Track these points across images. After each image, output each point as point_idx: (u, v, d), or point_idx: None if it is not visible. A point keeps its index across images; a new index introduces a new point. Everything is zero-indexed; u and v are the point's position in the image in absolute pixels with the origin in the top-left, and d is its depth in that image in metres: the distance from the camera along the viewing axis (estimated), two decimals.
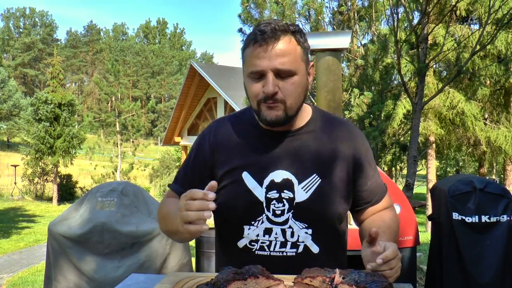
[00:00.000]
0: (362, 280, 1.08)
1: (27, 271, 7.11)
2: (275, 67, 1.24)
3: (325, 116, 1.48)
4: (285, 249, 1.35)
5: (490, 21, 6.06)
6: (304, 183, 1.34)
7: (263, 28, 1.25)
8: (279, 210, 1.33)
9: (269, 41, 1.24)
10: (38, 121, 18.20)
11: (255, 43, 1.25)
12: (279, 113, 1.29)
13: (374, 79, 7.23)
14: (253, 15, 7.34)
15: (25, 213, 15.16)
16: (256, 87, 1.28)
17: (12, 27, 73.58)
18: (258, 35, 1.25)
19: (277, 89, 1.26)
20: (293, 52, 1.27)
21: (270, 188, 1.34)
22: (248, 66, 1.29)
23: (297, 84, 1.29)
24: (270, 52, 1.24)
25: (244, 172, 1.35)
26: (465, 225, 2.94)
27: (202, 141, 1.46)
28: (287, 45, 1.26)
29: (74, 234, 3.43)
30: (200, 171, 1.43)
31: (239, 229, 1.36)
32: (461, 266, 2.94)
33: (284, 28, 1.26)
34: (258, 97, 1.28)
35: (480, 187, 2.97)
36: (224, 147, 1.41)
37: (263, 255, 1.35)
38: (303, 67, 1.31)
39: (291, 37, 1.27)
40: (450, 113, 12.36)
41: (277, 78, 1.26)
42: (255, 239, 1.35)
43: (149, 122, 60.74)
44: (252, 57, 1.26)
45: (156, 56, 74.81)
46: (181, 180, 1.47)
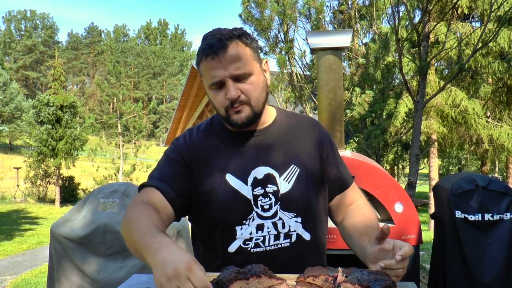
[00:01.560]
0: (365, 278, 1.07)
1: (30, 273, 7.12)
2: (231, 74, 1.31)
3: (288, 114, 1.58)
4: (279, 241, 1.39)
5: (492, 18, 6.05)
6: (284, 175, 1.41)
7: (209, 41, 1.31)
8: (267, 204, 1.38)
9: (219, 52, 1.30)
10: (40, 124, 18.22)
11: (207, 57, 1.32)
12: (247, 113, 1.36)
13: (376, 78, 7.21)
14: (253, 15, 7.33)
15: (27, 215, 15.18)
16: (220, 96, 1.35)
17: (14, 29, 73.80)
18: (206, 49, 1.31)
19: (239, 92, 1.33)
20: (244, 55, 1.33)
21: (255, 185, 1.39)
22: (207, 79, 1.35)
23: (256, 83, 1.36)
24: (222, 61, 1.30)
25: (227, 174, 1.39)
26: (468, 223, 2.93)
27: (178, 144, 1.46)
28: (236, 50, 1.32)
29: (77, 236, 3.43)
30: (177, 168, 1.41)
31: (232, 231, 1.38)
32: (464, 265, 2.93)
33: (229, 35, 1.32)
34: (225, 105, 1.35)
35: (483, 185, 2.96)
36: (201, 151, 1.44)
37: (259, 251, 1.37)
38: (257, 66, 1.38)
39: (237, 42, 1.33)
40: (452, 111, 12.34)
41: (236, 82, 1.33)
42: (249, 237, 1.37)
43: (150, 123, 60.82)
44: (208, 70, 1.33)
45: (157, 57, 74.93)
46: (159, 176, 1.40)
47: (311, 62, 7.91)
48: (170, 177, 1.39)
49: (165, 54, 76.19)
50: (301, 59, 7.90)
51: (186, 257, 0.99)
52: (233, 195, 1.37)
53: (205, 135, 1.48)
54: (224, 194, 1.38)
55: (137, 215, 1.24)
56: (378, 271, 1.13)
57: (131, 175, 20.05)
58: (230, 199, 1.37)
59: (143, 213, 1.24)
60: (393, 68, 7.26)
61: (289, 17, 7.25)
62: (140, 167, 20.89)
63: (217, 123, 1.50)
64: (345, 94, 6.99)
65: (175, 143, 1.48)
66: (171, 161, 1.43)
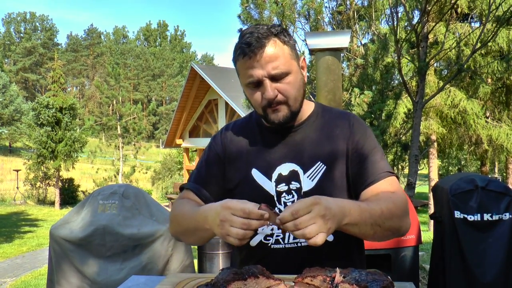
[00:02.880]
0: (363, 279, 1.07)
1: (30, 275, 7.11)
2: (268, 73, 1.29)
3: (325, 110, 1.52)
4: (299, 239, 1.36)
5: (490, 19, 6.05)
6: (309, 172, 1.38)
7: (248, 40, 1.29)
8: (289, 201, 1.37)
9: (257, 51, 1.28)
10: (39, 126, 18.22)
11: (244, 56, 1.30)
12: (284, 113, 1.34)
13: (375, 78, 7.21)
14: (252, 16, 7.33)
15: (27, 217, 15.17)
16: (257, 95, 1.34)
17: (13, 32, 73.78)
18: (244, 48, 1.29)
19: (276, 92, 1.31)
20: (282, 54, 1.31)
21: (279, 182, 1.38)
22: (244, 78, 1.34)
23: (293, 82, 1.34)
24: (260, 61, 1.28)
25: (253, 169, 1.41)
26: (467, 223, 2.93)
27: (214, 141, 1.53)
28: (274, 49, 1.30)
29: (76, 237, 3.43)
30: (214, 169, 1.47)
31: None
32: (464, 265, 2.93)
33: (267, 33, 1.30)
34: (262, 104, 1.34)
35: (482, 185, 2.96)
36: (234, 147, 1.47)
37: (278, 248, 1.38)
38: (294, 64, 1.35)
39: (275, 40, 1.31)
40: (452, 112, 12.34)
41: (274, 82, 1.31)
42: (270, 233, 1.38)
43: (150, 124, 60.78)
44: (245, 69, 1.32)
45: (156, 59, 74.92)
46: (196, 179, 1.49)
47: (310, 63, 7.91)
48: (206, 179, 1.47)
49: (165, 56, 76.17)
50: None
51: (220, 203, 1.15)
52: (256, 191, 1.39)
53: (239, 131, 1.51)
54: (248, 189, 1.40)
55: (180, 209, 1.39)
56: (376, 271, 1.13)
57: (131, 177, 20.06)
58: (253, 194, 1.37)
59: (184, 206, 1.39)
60: (392, 68, 7.25)
61: (288, 18, 7.25)
62: (140, 168, 20.90)
63: (255, 118, 1.51)
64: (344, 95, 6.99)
65: (213, 141, 1.54)
66: (208, 161, 1.50)
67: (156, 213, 3.68)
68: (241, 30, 1.40)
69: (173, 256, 3.63)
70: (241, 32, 1.36)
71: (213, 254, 4.65)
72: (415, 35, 6.20)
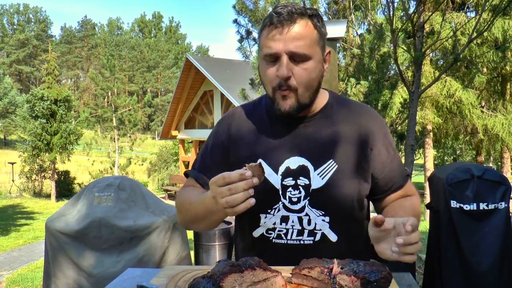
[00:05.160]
0: (360, 270, 1.07)
1: (27, 268, 7.11)
2: (289, 50, 1.22)
3: (342, 101, 1.44)
4: (302, 237, 1.32)
5: (486, 8, 6.03)
6: (320, 169, 1.32)
7: (279, 10, 1.22)
8: (295, 197, 1.31)
9: (285, 23, 1.21)
10: (34, 118, 18.14)
11: (271, 25, 1.23)
12: (292, 102, 1.26)
13: (371, 69, 7.19)
14: (247, 6, 7.28)
15: (23, 210, 15.14)
16: (271, 70, 1.25)
17: (6, 23, 73.15)
18: (274, 17, 1.22)
19: (290, 73, 1.23)
20: (309, 36, 1.23)
21: (286, 175, 1.32)
22: (263, 48, 1.26)
23: (311, 69, 1.25)
24: (285, 35, 1.21)
25: (259, 159, 1.34)
26: (463, 212, 2.93)
27: (219, 127, 1.46)
28: (303, 28, 1.23)
29: (72, 230, 3.42)
30: (218, 156, 1.42)
31: (256, 217, 1.35)
32: (460, 254, 2.94)
33: (301, 11, 1.23)
34: (273, 84, 1.26)
35: (478, 174, 2.96)
36: (240, 133, 1.40)
37: (280, 243, 1.34)
38: (318, 53, 1.27)
39: (307, 21, 1.24)
40: (447, 102, 12.36)
41: (292, 62, 1.23)
42: (272, 227, 1.34)
43: (146, 116, 60.63)
44: (267, 39, 1.24)
45: (151, 50, 74.53)
46: (199, 166, 1.45)
47: None
48: (209, 166, 1.42)
49: (160, 47, 75.76)
50: None
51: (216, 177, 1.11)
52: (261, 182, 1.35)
53: (247, 117, 1.43)
54: None
55: (187, 196, 1.36)
56: (373, 262, 1.13)
57: (127, 169, 20.04)
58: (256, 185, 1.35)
59: (190, 194, 1.36)
60: (388, 58, 7.23)
61: None
62: (136, 160, 20.88)
63: (265, 103, 1.43)
64: (340, 85, 6.97)
65: (218, 126, 1.47)
66: (213, 146, 1.45)
67: (152, 205, 3.67)
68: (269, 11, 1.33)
69: (169, 248, 3.63)
70: (276, 4, 1.31)
71: (209, 246, 4.65)
72: (411, 25, 6.18)
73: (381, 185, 1.39)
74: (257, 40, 1.32)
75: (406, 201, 1.40)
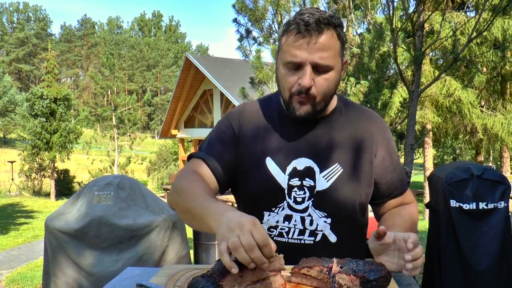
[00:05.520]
0: (360, 269, 1.07)
1: (26, 267, 7.11)
2: (314, 61, 1.23)
3: (349, 105, 1.47)
4: (303, 236, 1.35)
5: (486, 8, 6.03)
6: (325, 172, 1.35)
7: (307, 19, 1.22)
8: (300, 197, 1.34)
9: (313, 33, 1.22)
10: (34, 117, 18.14)
11: (298, 33, 1.23)
12: (308, 108, 1.29)
13: (370, 68, 7.19)
14: (247, 5, 7.27)
15: (23, 209, 15.14)
16: (292, 78, 1.26)
17: (6, 22, 73.08)
18: (301, 25, 1.22)
19: (312, 83, 1.25)
20: (333, 47, 1.25)
21: (293, 175, 1.34)
22: (286, 55, 1.26)
23: (331, 80, 1.28)
24: (312, 45, 1.22)
25: (268, 157, 1.36)
26: (462, 212, 2.93)
27: (231, 117, 1.44)
28: (329, 39, 1.24)
29: (71, 229, 3.42)
30: (228, 145, 1.40)
31: (259, 215, 1.35)
32: (459, 254, 2.94)
33: (328, 21, 1.24)
34: (292, 89, 1.27)
35: (478, 173, 2.96)
36: (251, 129, 1.40)
37: (281, 241, 1.35)
38: (339, 63, 1.30)
39: (333, 32, 1.25)
40: (447, 101, 12.37)
41: (314, 72, 1.25)
42: (275, 225, 1.36)
43: (145, 115, 60.63)
44: (293, 47, 1.24)
45: (151, 49, 74.47)
46: (209, 148, 1.40)
47: None
48: (218, 152, 1.38)
49: (160, 46, 75.71)
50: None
51: (251, 217, 1.01)
52: (268, 181, 1.34)
53: (259, 113, 1.43)
54: (259, 177, 1.35)
55: (190, 184, 1.26)
56: (373, 260, 1.13)
57: (127, 168, 20.03)
58: (263, 183, 1.35)
59: (196, 182, 1.27)
60: (387, 58, 7.23)
61: (283, 7, 7.20)
62: (135, 159, 20.86)
63: (276, 102, 1.44)
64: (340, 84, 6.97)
65: (229, 115, 1.45)
66: (222, 135, 1.41)
67: (151, 204, 3.67)
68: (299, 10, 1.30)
69: (169, 247, 3.63)
70: (301, 10, 1.30)
71: (209, 245, 4.66)
72: (411, 24, 6.18)
73: (382, 190, 1.43)
74: (278, 41, 1.32)
75: (404, 210, 1.45)
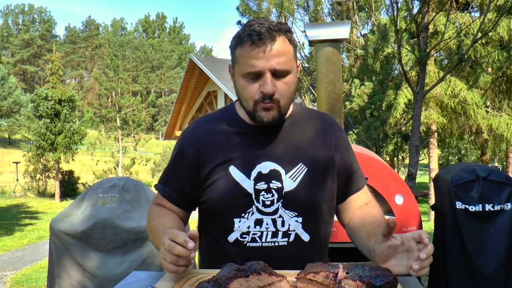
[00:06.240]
0: (366, 274, 1.06)
1: (31, 268, 7.12)
2: (272, 68, 1.27)
3: (306, 110, 1.54)
4: (276, 238, 1.36)
5: (491, 8, 6.01)
6: (291, 172, 1.37)
7: (258, 28, 1.26)
8: (268, 200, 1.35)
9: (267, 41, 1.25)
10: (38, 118, 18.18)
11: (252, 44, 1.26)
12: (274, 113, 1.32)
13: (375, 69, 7.18)
14: (251, 7, 7.28)
15: (27, 210, 15.19)
16: (253, 87, 1.30)
17: (11, 23, 73.46)
18: (254, 35, 1.26)
19: (275, 88, 1.28)
20: (288, 52, 1.31)
21: (258, 180, 1.36)
22: (244, 66, 1.30)
23: (291, 83, 1.33)
24: (268, 53, 1.26)
25: (231, 166, 1.37)
26: (468, 214, 2.92)
27: (184, 144, 1.46)
28: (283, 45, 1.29)
29: (76, 231, 3.42)
30: (183, 171, 1.44)
31: (229, 222, 1.37)
32: (465, 256, 2.92)
33: (278, 28, 1.29)
34: (255, 98, 1.31)
35: (484, 175, 2.94)
36: (208, 145, 1.41)
37: (255, 246, 1.36)
38: (294, 65, 1.35)
39: (284, 37, 1.30)
40: (452, 102, 12.31)
41: (274, 78, 1.29)
42: (246, 231, 1.36)
43: (149, 116, 60.75)
44: (249, 57, 1.27)
45: (155, 51, 74.68)
46: (166, 180, 1.50)
47: (310, 54, 7.87)
48: (174, 179, 1.47)
49: (164, 48, 75.91)
50: (300, 51, 7.86)
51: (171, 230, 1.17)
52: (234, 188, 1.35)
53: (213, 127, 1.45)
54: (224, 186, 1.36)
55: (155, 223, 1.42)
56: (379, 266, 1.12)
57: (131, 169, 20.07)
58: (230, 191, 1.36)
59: (158, 219, 1.43)
60: (392, 59, 7.22)
61: (286, 9, 7.21)
62: (140, 160, 20.88)
63: (230, 113, 1.47)
64: (344, 86, 6.96)
65: (182, 139, 1.48)
66: (177, 161, 1.46)
67: None
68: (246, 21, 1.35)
69: None
70: (249, 21, 1.33)
71: None
72: (415, 25, 6.16)
73: (345, 185, 1.49)
74: (232, 55, 1.36)
75: (373, 209, 1.48)
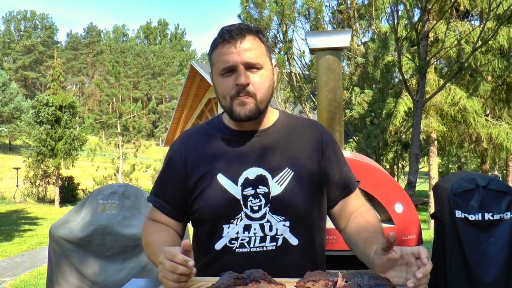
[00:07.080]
0: (365, 283, 1.06)
1: (30, 274, 7.10)
2: (245, 61, 1.32)
3: (292, 116, 1.58)
4: (264, 243, 1.37)
5: (491, 17, 6.03)
6: (277, 177, 1.39)
7: (229, 28, 1.35)
8: (256, 205, 1.36)
9: (237, 37, 1.32)
10: (39, 124, 18.20)
11: (224, 41, 1.33)
12: (251, 107, 1.35)
13: (375, 77, 7.20)
14: (252, 15, 7.31)
15: (27, 215, 15.16)
16: (228, 82, 1.35)
17: (13, 30, 73.71)
18: (225, 34, 1.33)
19: (249, 80, 1.33)
20: (259, 48, 1.36)
21: (246, 186, 1.38)
22: (219, 64, 1.36)
23: (265, 77, 1.37)
24: (239, 47, 1.32)
25: (219, 174, 1.40)
26: (468, 223, 2.92)
27: (173, 154, 1.49)
28: (253, 41, 1.35)
29: (76, 237, 3.42)
30: (174, 181, 1.46)
31: (219, 229, 1.39)
32: (465, 265, 2.92)
33: (248, 27, 1.37)
34: (231, 93, 1.35)
35: (483, 184, 2.94)
36: (195, 155, 1.45)
37: (243, 252, 1.37)
38: (268, 63, 1.40)
39: (255, 36, 1.37)
40: (452, 110, 12.33)
41: (248, 71, 1.34)
42: (235, 236, 1.37)
43: (150, 123, 60.81)
44: (222, 55, 1.34)
45: (156, 57, 74.86)
46: (157, 191, 1.51)
47: (310, 62, 7.90)
48: (166, 191, 1.48)
49: (165, 54, 76.11)
50: (300, 59, 7.90)
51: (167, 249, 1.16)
52: (222, 194, 1.37)
53: (200, 137, 1.49)
54: (213, 194, 1.38)
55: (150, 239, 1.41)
56: (378, 275, 1.12)
57: (131, 175, 20.04)
58: (218, 198, 1.37)
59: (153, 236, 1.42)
60: (392, 67, 7.24)
61: (288, 17, 7.24)
62: (140, 167, 20.86)
63: (215, 122, 1.51)
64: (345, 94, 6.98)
65: (171, 151, 1.51)
66: (167, 172, 1.49)
67: None
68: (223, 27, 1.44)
69: None
70: (222, 27, 1.39)
71: None
72: (415, 33, 6.19)
73: (335, 188, 1.49)
74: (210, 60, 1.42)
75: (366, 214, 1.47)
